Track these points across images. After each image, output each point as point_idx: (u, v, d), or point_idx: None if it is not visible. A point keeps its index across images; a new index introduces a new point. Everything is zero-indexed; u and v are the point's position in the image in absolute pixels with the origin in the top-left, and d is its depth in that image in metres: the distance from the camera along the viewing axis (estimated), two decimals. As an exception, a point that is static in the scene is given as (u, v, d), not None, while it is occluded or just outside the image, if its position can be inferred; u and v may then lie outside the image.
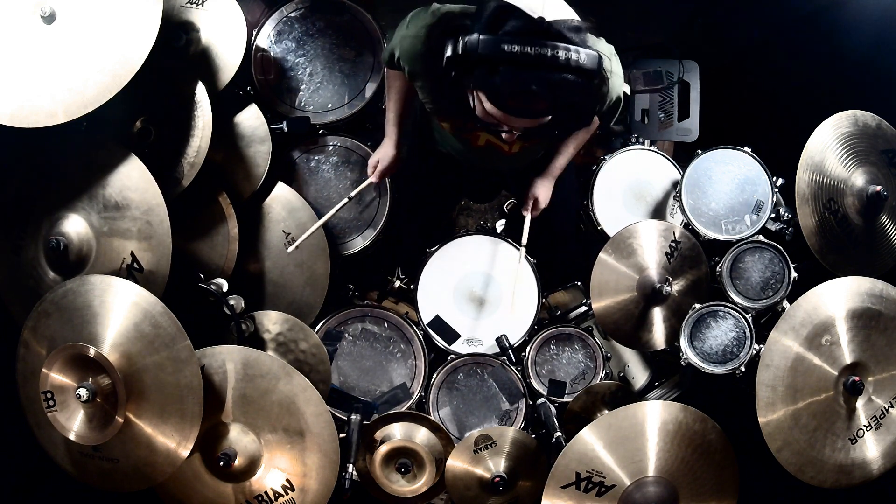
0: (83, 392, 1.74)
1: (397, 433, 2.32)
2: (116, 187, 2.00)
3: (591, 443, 1.92)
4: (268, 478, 1.98)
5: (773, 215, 2.39)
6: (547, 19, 1.45)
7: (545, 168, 2.36)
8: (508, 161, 2.18)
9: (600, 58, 1.50)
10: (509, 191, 3.00)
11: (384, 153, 2.32)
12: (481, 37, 1.45)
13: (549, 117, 1.59)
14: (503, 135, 1.70)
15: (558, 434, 2.20)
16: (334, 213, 2.31)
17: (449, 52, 1.53)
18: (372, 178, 2.34)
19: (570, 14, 1.53)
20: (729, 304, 2.26)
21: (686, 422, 1.93)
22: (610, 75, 1.83)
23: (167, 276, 2.00)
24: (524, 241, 2.36)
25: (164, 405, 1.81)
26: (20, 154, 2.07)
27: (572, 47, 1.45)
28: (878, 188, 2.16)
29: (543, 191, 2.37)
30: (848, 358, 1.98)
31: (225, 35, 2.28)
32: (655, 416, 1.92)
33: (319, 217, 2.41)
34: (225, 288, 2.15)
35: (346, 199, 2.32)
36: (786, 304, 2.26)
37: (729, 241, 2.35)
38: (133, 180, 1.99)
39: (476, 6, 1.60)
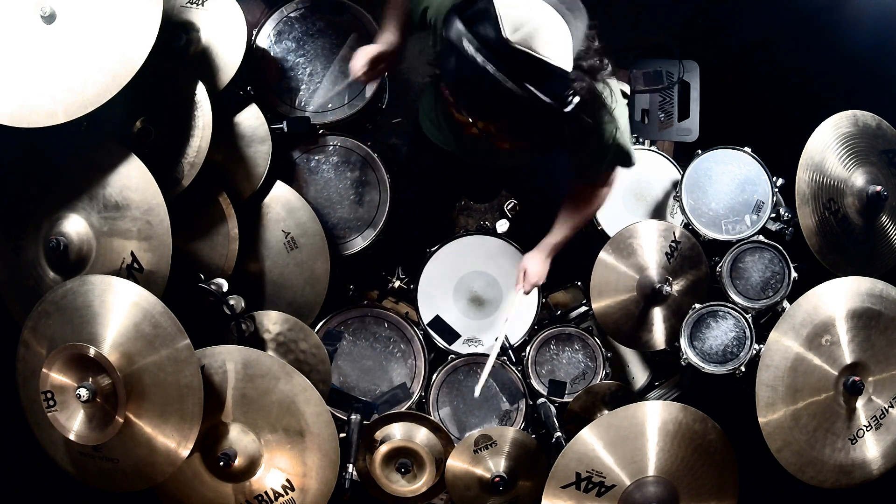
0: (83, 392, 1.74)
1: (397, 433, 2.32)
2: (116, 187, 1.99)
3: (591, 443, 1.92)
4: (268, 478, 1.98)
5: (773, 215, 2.39)
6: (512, 42, 1.41)
7: (538, 242, 2.27)
8: (503, 157, 2.17)
9: (549, 106, 1.46)
10: (509, 191, 3.00)
11: (386, 46, 2.05)
12: (456, 21, 1.46)
13: (499, 123, 1.57)
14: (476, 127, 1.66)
15: (558, 434, 2.20)
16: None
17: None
18: (362, 77, 2.08)
19: (557, 52, 1.46)
20: (729, 304, 2.26)
21: (686, 422, 1.93)
22: (611, 118, 1.78)
23: (167, 276, 1.99)
24: (510, 315, 2.33)
25: (164, 405, 1.81)
26: (20, 154, 2.07)
27: (520, 82, 1.42)
28: (878, 188, 2.16)
29: (534, 265, 2.27)
30: (848, 358, 1.98)
31: (225, 35, 2.28)
32: (655, 416, 1.92)
33: (319, 217, 2.41)
34: (225, 288, 2.14)
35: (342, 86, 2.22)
36: (786, 304, 2.26)
37: (729, 241, 2.35)
38: (133, 180, 1.99)
39: None
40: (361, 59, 2.03)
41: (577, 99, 1.50)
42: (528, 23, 1.43)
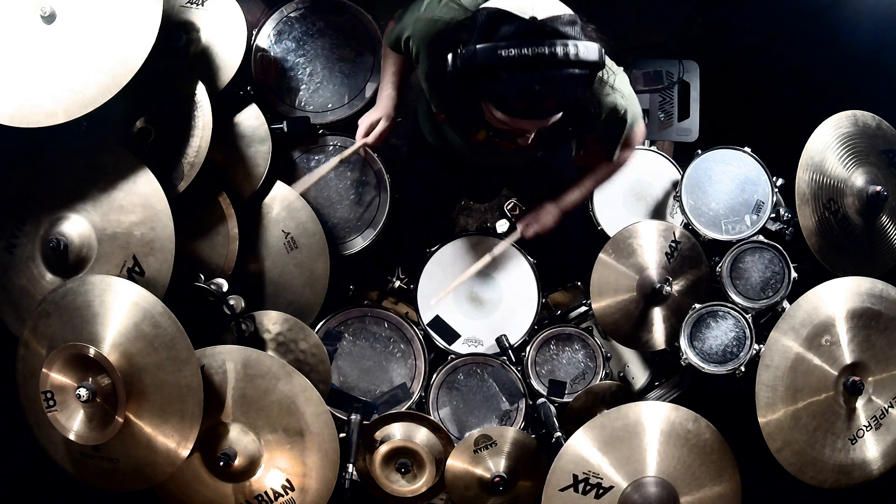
0: (83, 392, 1.74)
1: (397, 433, 2.32)
2: (122, 191, 1.99)
3: (587, 445, 1.91)
4: (268, 478, 1.98)
5: (773, 215, 2.39)
6: (539, 18, 1.44)
7: (559, 195, 2.34)
8: (507, 156, 2.18)
9: (601, 48, 1.50)
10: (510, 190, 3.00)
11: (385, 113, 2.25)
12: (478, 46, 1.47)
13: (560, 114, 1.59)
14: (518, 140, 1.70)
15: (558, 434, 2.20)
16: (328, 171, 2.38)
17: (450, 67, 1.55)
18: (368, 140, 2.28)
19: (562, 9, 1.51)
20: (729, 304, 2.26)
21: (679, 421, 1.93)
22: (612, 91, 1.82)
23: (169, 278, 1.99)
24: (495, 253, 2.42)
25: (164, 405, 1.81)
26: (20, 154, 2.07)
27: (569, 41, 1.44)
28: (878, 188, 2.16)
29: (546, 216, 2.33)
30: (848, 358, 1.98)
31: (225, 35, 2.28)
32: (650, 417, 1.92)
33: (319, 217, 2.41)
34: (225, 288, 2.14)
35: (335, 161, 2.37)
36: (786, 304, 2.26)
37: (729, 241, 2.35)
38: (138, 185, 1.99)
39: (470, 15, 1.61)
40: (362, 129, 2.29)
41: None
42: None
